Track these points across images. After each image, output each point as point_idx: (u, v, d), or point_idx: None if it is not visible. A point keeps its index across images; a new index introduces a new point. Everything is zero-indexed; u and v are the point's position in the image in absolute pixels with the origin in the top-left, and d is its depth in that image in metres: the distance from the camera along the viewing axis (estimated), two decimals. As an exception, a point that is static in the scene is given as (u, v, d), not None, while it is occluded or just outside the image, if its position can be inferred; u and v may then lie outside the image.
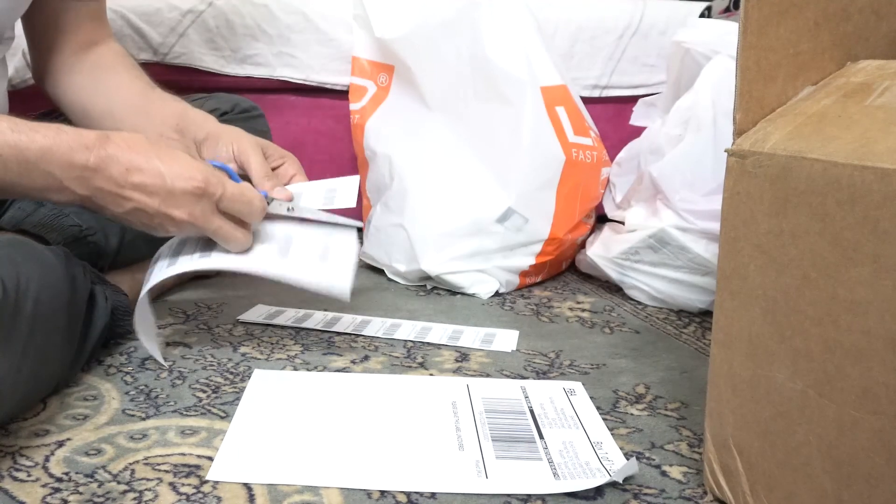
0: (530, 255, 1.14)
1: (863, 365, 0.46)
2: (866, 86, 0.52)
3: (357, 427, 0.68)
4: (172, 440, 0.66)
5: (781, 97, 0.55)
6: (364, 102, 1.21)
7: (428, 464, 0.63)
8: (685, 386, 0.81)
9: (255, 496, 0.58)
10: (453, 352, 0.89)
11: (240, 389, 0.76)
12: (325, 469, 0.61)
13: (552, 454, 0.65)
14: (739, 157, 0.53)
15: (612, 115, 1.46)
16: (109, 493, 0.57)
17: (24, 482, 0.58)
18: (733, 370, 0.55)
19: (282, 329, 0.94)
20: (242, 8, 1.30)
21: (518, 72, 1.10)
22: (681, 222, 1.04)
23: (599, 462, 0.64)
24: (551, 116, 1.13)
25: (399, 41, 1.13)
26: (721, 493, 0.58)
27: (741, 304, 0.54)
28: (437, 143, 1.15)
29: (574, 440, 0.67)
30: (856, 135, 0.48)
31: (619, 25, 1.45)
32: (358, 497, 0.58)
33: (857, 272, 0.46)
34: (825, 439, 0.49)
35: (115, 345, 0.86)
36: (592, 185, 1.19)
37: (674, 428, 0.72)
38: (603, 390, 0.80)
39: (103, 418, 0.69)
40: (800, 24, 0.54)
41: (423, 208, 1.12)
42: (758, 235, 0.52)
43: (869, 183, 0.45)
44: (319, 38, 1.33)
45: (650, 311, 1.08)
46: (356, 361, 0.85)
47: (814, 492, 0.51)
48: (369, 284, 1.15)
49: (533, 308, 1.07)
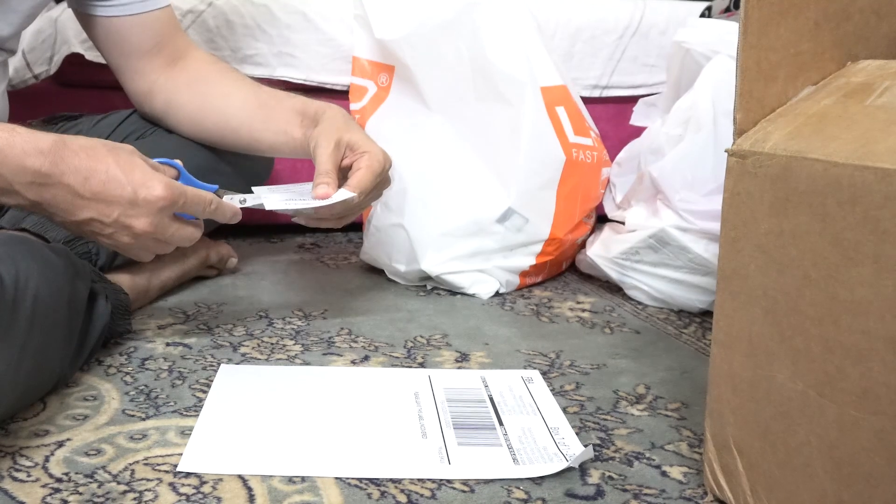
0: (530, 256, 1.14)
1: (863, 365, 0.46)
2: (866, 86, 0.52)
3: (322, 417, 0.70)
4: (172, 440, 0.66)
5: (782, 97, 0.55)
6: (364, 102, 1.20)
7: (392, 451, 0.65)
8: (685, 386, 0.81)
9: (255, 496, 0.58)
10: (453, 352, 0.89)
11: (240, 389, 0.76)
12: (292, 458, 0.63)
13: (511, 440, 0.67)
14: (740, 157, 0.53)
15: (612, 115, 1.46)
16: (109, 493, 0.57)
17: (24, 482, 0.58)
18: (733, 370, 0.55)
19: (282, 329, 0.94)
20: (242, 8, 1.30)
21: (518, 72, 1.10)
22: (681, 222, 1.04)
23: (556, 447, 0.66)
24: (551, 116, 1.13)
25: (399, 41, 1.13)
26: (721, 494, 0.58)
27: (741, 304, 0.54)
28: (438, 143, 1.15)
29: (532, 426, 0.70)
30: (856, 135, 0.48)
31: (619, 25, 1.45)
32: (358, 497, 0.58)
33: (858, 272, 0.46)
34: (825, 439, 0.49)
35: (115, 345, 0.86)
36: (593, 185, 1.19)
37: (674, 428, 0.72)
38: (603, 390, 0.80)
39: (103, 418, 0.69)
40: (800, 24, 0.54)
41: (423, 208, 1.12)
42: (758, 235, 0.52)
43: (869, 183, 0.45)
44: (319, 38, 1.33)
45: (650, 312, 1.08)
46: (356, 362, 0.85)
47: (814, 492, 0.51)
48: (369, 284, 1.15)
49: (533, 308, 1.07)
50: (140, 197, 0.69)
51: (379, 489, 0.59)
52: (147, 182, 0.69)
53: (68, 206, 0.67)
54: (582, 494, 0.60)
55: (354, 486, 0.60)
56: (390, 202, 1.15)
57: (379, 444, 0.66)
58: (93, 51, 1.25)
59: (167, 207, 0.70)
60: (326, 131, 0.86)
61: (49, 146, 0.66)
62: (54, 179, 0.66)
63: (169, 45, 0.96)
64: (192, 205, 0.73)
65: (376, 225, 1.17)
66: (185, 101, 0.97)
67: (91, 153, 0.68)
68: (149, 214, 0.70)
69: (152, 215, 0.70)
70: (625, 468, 0.64)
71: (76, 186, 0.67)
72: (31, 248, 0.68)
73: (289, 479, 0.60)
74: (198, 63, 0.98)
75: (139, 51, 0.94)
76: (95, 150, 0.69)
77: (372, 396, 0.76)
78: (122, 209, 0.69)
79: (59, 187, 0.66)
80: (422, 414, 0.72)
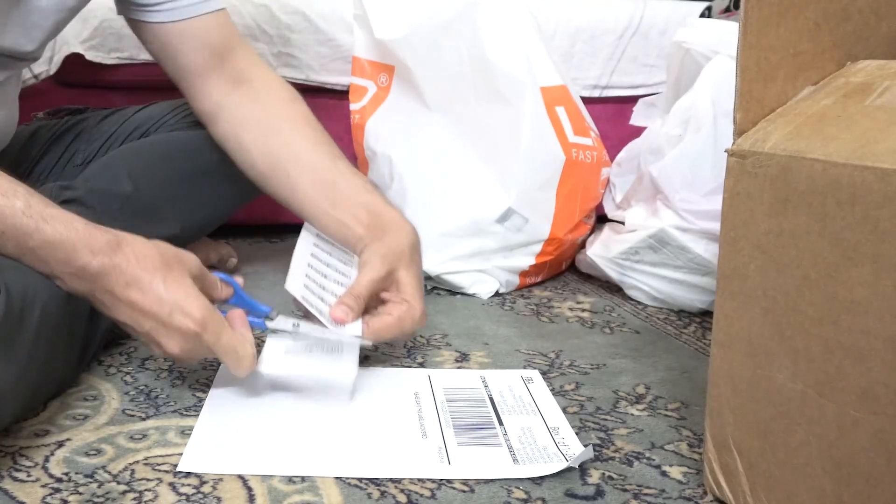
0: (530, 255, 1.14)
1: (863, 365, 0.46)
2: (866, 86, 0.52)
3: (322, 417, 0.70)
4: (172, 440, 0.66)
5: (781, 97, 0.55)
6: (364, 102, 1.20)
7: (392, 451, 0.65)
8: (685, 386, 0.81)
9: (255, 496, 0.58)
10: (453, 352, 0.89)
11: (240, 389, 0.76)
12: (292, 458, 0.63)
13: (511, 440, 0.67)
14: (739, 157, 0.53)
15: (612, 115, 1.46)
16: (109, 493, 0.57)
17: (24, 482, 0.58)
18: (733, 370, 0.55)
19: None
20: (242, 8, 1.30)
21: (518, 72, 1.10)
22: (681, 222, 1.04)
23: (556, 447, 0.66)
24: (551, 116, 1.13)
25: (399, 41, 1.13)
26: (721, 494, 0.58)
27: (741, 304, 0.54)
28: (437, 143, 1.15)
29: (532, 426, 0.70)
30: (856, 135, 0.48)
31: (618, 25, 1.45)
32: (358, 497, 0.58)
33: (857, 272, 0.46)
34: (825, 439, 0.49)
35: (115, 345, 0.86)
36: (592, 185, 1.19)
37: (674, 428, 0.72)
38: (603, 390, 0.80)
39: (103, 418, 0.69)
40: (800, 25, 0.54)
41: (423, 208, 1.12)
42: (758, 235, 0.52)
43: (869, 183, 0.45)
44: (319, 38, 1.33)
45: (650, 312, 1.08)
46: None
47: (814, 492, 0.51)
48: (369, 284, 1.15)
49: (533, 308, 1.07)
50: (173, 322, 0.66)
51: (379, 489, 0.59)
52: (185, 307, 0.66)
53: (108, 303, 0.66)
54: (582, 494, 0.60)
55: (354, 486, 0.60)
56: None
57: (379, 443, 0.66)
58: (93, 51, 1.25)
59: (197, 339, 0.67)
60: (384, 254, 0.80)
61: (103, 246, 0.64)
62: (98, 278, 0.65)
63: (229, 59, 0.90)
64: (221, 352, 0.68)
65: (376, 225, 1.17)
66: (249, 145, 0.89)
67: (142, 262, 0.66)
68: (179, 341, 0.67)
69: (183, 342, 0.67)
70: (625, 468, 0.64)
71: (115, 290, 0.65)
72: None
73: (289, 479, 0.60)
74: (267, 94, 0.90)
75: (196, 66, 0.88)
76: (148, 258, 0.66)
77: (372, 396, 0.75)
78: (154, 326, 0.66)
79: (101, 286, 0.65)
80: (422, 414, 0.72)
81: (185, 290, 0.67)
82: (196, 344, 0.67)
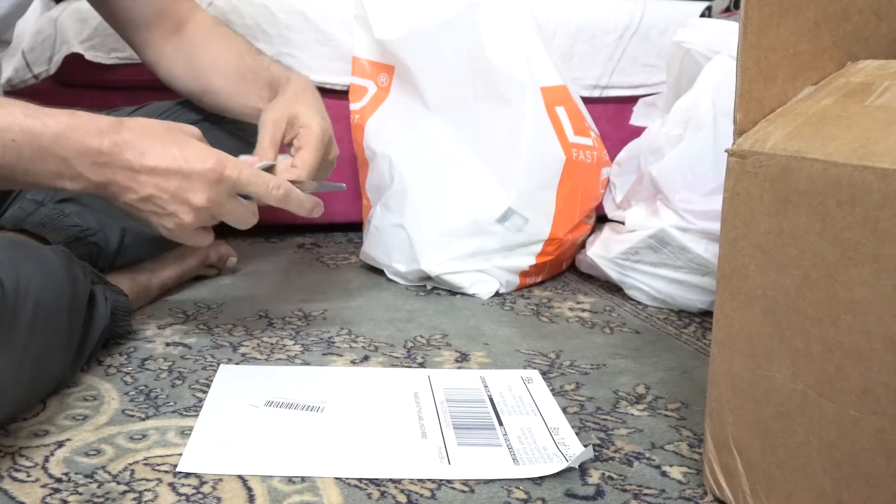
0: (530, 256, 1.14)
1: (863, 365, 0.46)
2: (866, 86, 0.52)
3: (321, 418, 0.70)
4: (172, 440, 0.66)
5: (781, 97, 0.55)
6: (364, 102, 1.20)
7: (392, 451, 0.65)
8: (685, 386, 0.81)
9: (254, 496, 0.58)
10: (453, 352, 0.89)
11: (240, 389, 0.76)
12: (292, 458, 0.63)
13: (511, 440, 0.67)
14: (740, 157, 0.53)
15: (612, 115, 1.46)
16: (109, 493, 0.57)
17: (23, 482, 0.58)
18: (733, 370, 0.55)
19: (282, 329, 0.94)
20: (242, 8, 1.30)
21: (518, 72, 1.10)
22: (681, 222, 1.04)
23: (556, 447, 0.66)
24: (551, 116, 1.13)
25: (399, 42, 1.13)
26: (721, 494, 0.58)
27: (741, 304, 0.54)
28: (437, 143, 1.15)
29: (532, 426, 0.70)
30: (856, 135, 0.48)
31: (619, 25, 1.45)
32: (358, 497, 0.58)
33: (857, 272, 0.46)
34: (825, 439, 0.49)
35: (115, 345, 0.86)
36: (592, 185, 1.19)
37: (674, 428, 0.72)
38: (603, 390, 0.80)
39: (103, 418, 0.69)
40: (800, 25, 0.54)
41: (423, 208, 1.12)
42: (758, 235, 0.52)
43: (869, 183, 0.45)
44: (319, 38, 1.33)
45: (650, 312, 1.08)
46: (356, 362, 0.85)
47: (814, 492, 0.51)
48: (369, 284, 1.15)
49: (533, 308, 1.07)
50: (195, 169, 0.70)
51: (379, 489, 0.59)
52: (200, 155, 0.71)
53: (129, 182, 0.69)
54: (582, 494, 0.60)
55: (354, 486, 0.60)
56: (390, 202, 1.15)
57: (379, 444, 0.66)
58: (93, 50, 1.25)
59: (221, 180, 0.71)
60: (275, 106, 0.87)
61: (107, 125, 0.69)
62: (113, 157, 0.68)
63: (170, 11, 0.96)
64: (247, 183, 0.73)
65: (376, 225, 1.17)
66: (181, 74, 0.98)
67: (148, 131, 0.70)
68: (204, 188, 0.71)
69: (208, 189, 0.71)
70: (625, 468, 0.64)
71: (133, 162, 0.69)
72: (32, 252, 0.68)
73: (289, 479, 0.60)
74: (196, 29, 0.98)
75: (144, 22, 0.95)
76: (152, 127, 0.71)
77: (372, 396, 0.76)
78: (179, 182, 0.70)
79: (118, 165, 0.68)
80: (421, 414, 0.72)
81: (194, 145, 0.72)
82: (220, 187, 0.71)
